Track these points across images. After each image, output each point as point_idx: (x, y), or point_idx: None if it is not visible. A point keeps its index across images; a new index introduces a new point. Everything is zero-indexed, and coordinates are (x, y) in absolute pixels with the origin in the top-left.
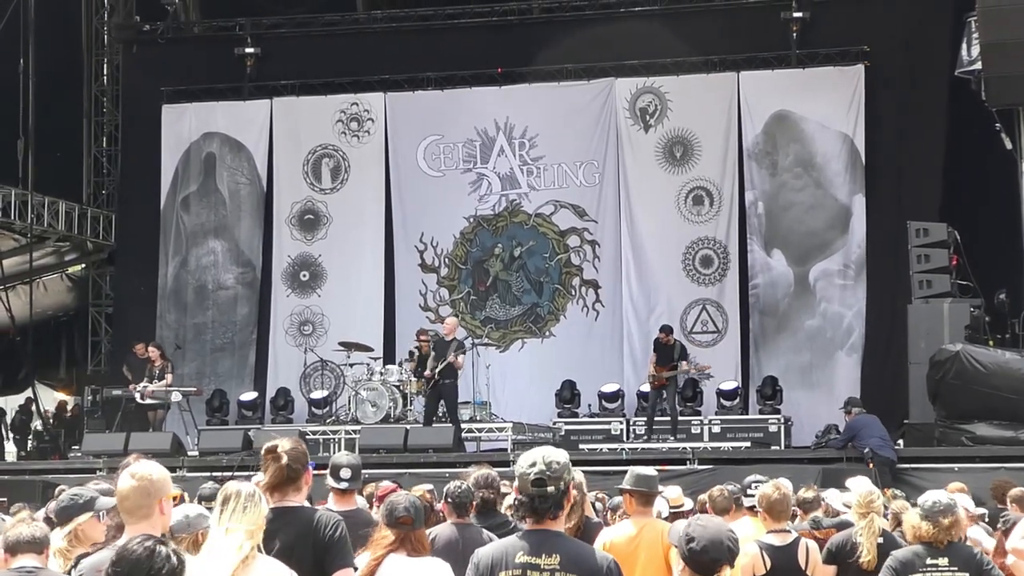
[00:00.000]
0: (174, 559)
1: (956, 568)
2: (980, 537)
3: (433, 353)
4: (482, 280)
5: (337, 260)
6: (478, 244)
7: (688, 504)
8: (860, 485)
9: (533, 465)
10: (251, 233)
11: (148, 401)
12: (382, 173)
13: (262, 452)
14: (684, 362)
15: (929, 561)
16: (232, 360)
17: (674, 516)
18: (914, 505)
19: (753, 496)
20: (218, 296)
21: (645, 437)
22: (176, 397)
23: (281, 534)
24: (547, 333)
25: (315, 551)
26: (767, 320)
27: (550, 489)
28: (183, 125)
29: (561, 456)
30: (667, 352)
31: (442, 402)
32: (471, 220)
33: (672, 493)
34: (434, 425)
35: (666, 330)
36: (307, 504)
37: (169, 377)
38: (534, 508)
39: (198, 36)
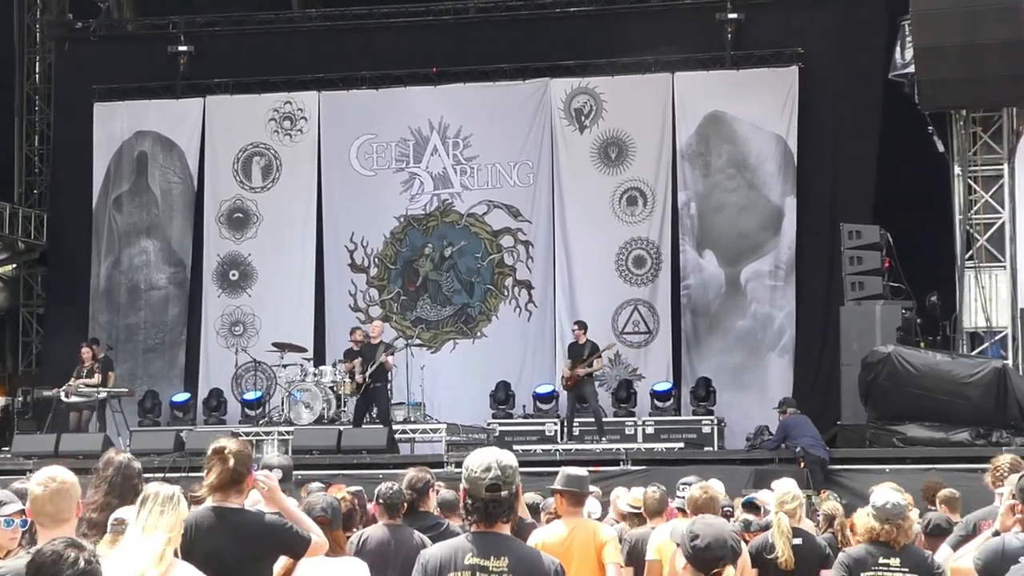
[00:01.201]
0: (82, 563)
1: (907, 570)
2: None
3: (360, 358)
4: (412, 280)
5: (268, 259)
6: (408, 244)
7: None
8: (784, 486)
9: (488, 470)
10: (183, 233)
11: (72, 399)
12: (314, 172)
13: (208, 452)
14: (593, 357)
15: (881, 560)
16: (163, 361)
17: (634, 517)
18: (846, 506)
19: (683, 497)
20: (150, 296)
21: (564, 440)
22: (101, 395)
23: (222, 535)
24: (478, 334)
25: (267, 552)
26: (699, 321)
27: (504, 494)
28: (115, 124)
29: (512, 460)
30: (578, 352)
31: (373, 405)
32: (401, 220)
33: (637, 494)
34: (368, 426)
35: (580, 325)
36: (247, 507)
37: (98, 377)
38: (488, 513)
39: (131, 34)
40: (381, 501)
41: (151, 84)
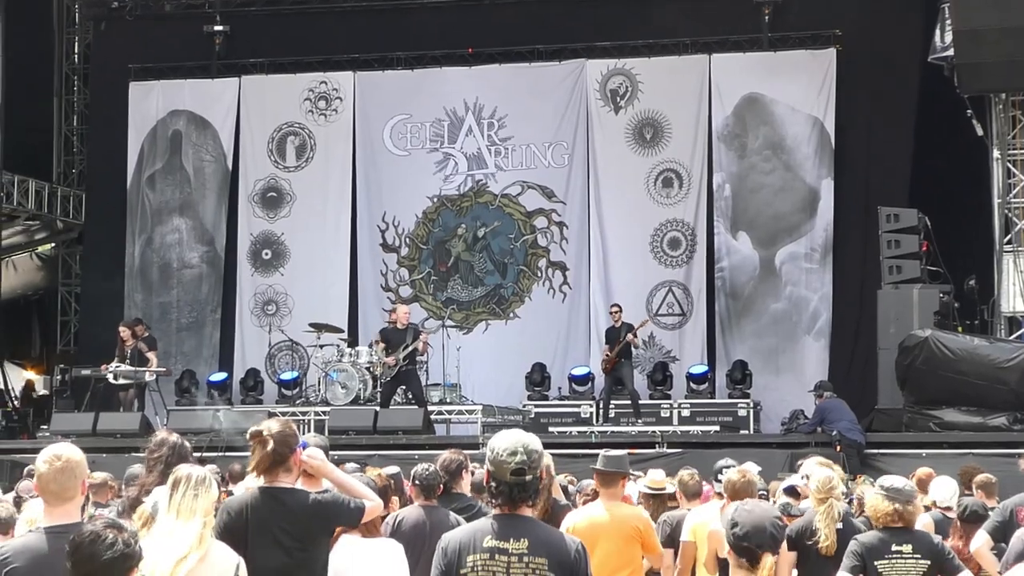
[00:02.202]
0: (120, 544)
1: (920, 555)
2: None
3: (385, 344)
4: (443, 260)
5: (300, 239)
6: (440, 224)
7: (671, 488)
8: (811, 467)
9: (514, 454)
10: (215, 211)
11: (121, 381)
12: (348, 152)
13: (248, 435)
14: (629, 334)
15: (894, 547)
16: (197, 339)
17: (652, 498)
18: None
19: (722, 480)
20: (183, 275)
21: (600, 423)
22: (149, 376)
23: (273, 516)
24: (511, 315)
25: (320, 530)
26: (733, 303)
27: (528, 478)
28: (150, 103)
29: (538, 444)
30: (615, 335)
31: (403, 387)
32: (435, 200)
33: (656, 476)
34: (404, 407)
35: (615, 307)
36: (299, 486)
37: (153, 358)
38: (512, 497)
39: (167, 14)
40: (417, 482)
41: (186, 63)
